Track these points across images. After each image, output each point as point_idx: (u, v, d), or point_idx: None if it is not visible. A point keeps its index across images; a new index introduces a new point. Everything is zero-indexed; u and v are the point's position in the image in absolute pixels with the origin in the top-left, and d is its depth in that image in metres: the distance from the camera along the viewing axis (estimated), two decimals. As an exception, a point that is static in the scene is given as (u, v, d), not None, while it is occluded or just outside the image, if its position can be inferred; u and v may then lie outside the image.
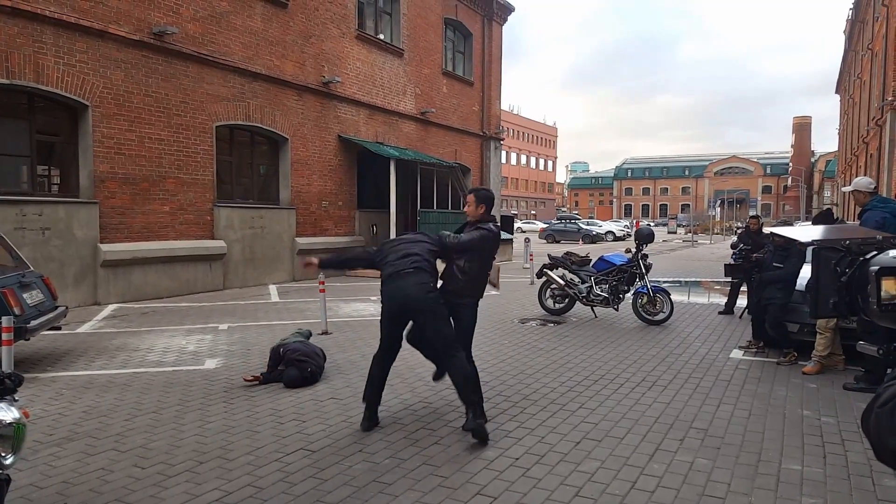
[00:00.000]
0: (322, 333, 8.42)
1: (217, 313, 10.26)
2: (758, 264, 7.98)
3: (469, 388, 4.61)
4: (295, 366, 6.05)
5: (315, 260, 5.15)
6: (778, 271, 7.26)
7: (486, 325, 9.43)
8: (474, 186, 5.12)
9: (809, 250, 4.99)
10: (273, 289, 13.50)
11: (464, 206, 5.51)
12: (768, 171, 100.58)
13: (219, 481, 3.90)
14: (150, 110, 11.64)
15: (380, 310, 4.92)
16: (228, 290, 13.07)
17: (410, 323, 4.89)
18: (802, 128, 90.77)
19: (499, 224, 5.07)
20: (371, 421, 4.84)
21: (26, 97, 10.27)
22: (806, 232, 3.42)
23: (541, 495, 3.75)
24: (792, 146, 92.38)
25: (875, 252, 1.90)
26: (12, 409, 2.27)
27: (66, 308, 7.43)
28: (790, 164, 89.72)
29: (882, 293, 1.75)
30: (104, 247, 10.88)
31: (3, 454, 2.21)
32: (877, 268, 1.78)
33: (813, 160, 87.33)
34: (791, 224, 7.48)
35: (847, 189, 6.54)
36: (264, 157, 15.00)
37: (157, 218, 11.89)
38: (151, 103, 11.66)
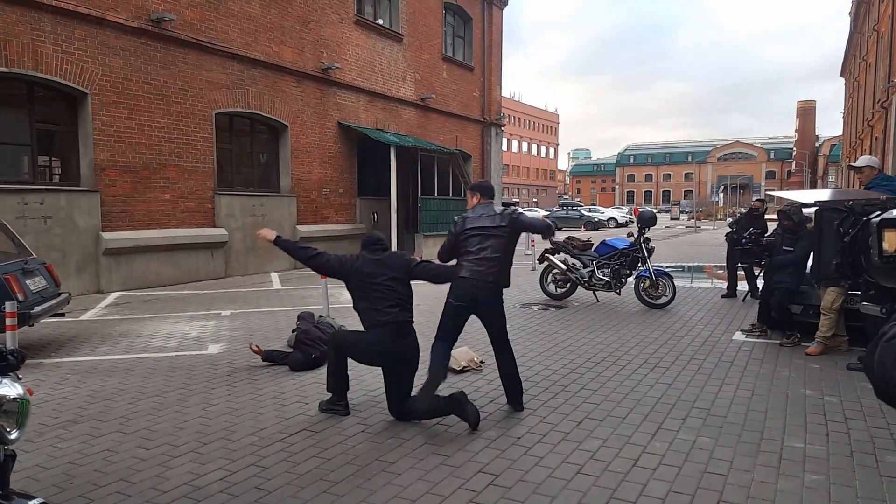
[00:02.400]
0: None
1: (219, 300, 10.29)
2: (767, 248, 7.94)
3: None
4: (301, 350, 6.08)
5: (271, 236, 5.05)
6: (788, 255, 7.22)
7: (488, 309, 9.43)
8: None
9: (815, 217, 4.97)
10: (275, 276, 13.51)
11: (464, 194, 5.57)
12: (772, 156, 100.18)
13: (223, 461, 3.92)
14: (149, 98, 11.60)
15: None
16: (230, 278, 13.09)
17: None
18: (806, 112, 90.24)
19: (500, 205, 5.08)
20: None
21: (25, 86, 10.25)
22: (809, 194, 3.42)
23: (542, 473, 3.76)
24: (796, 131, 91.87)
25: (878, 213, 1.89)
26: (16, 385, 2.28)
27: (69, 294, 7.46)
28: (794, 148, 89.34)
29: (884, 245, 1.74)
30: (106, 235, 10.89)
31: (7, 429, 2.22)
32: (878, 219, 1.77)
33: (817, 145, 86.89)
34: (792, 217, 7.43)
35: (860, 163, 6.52)
36: (264, 144, 14.97)
37: (158, 206, 11.88)
38: (150, 91, 11.63)
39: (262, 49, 13.88)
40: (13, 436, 2.24)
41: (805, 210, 7.16)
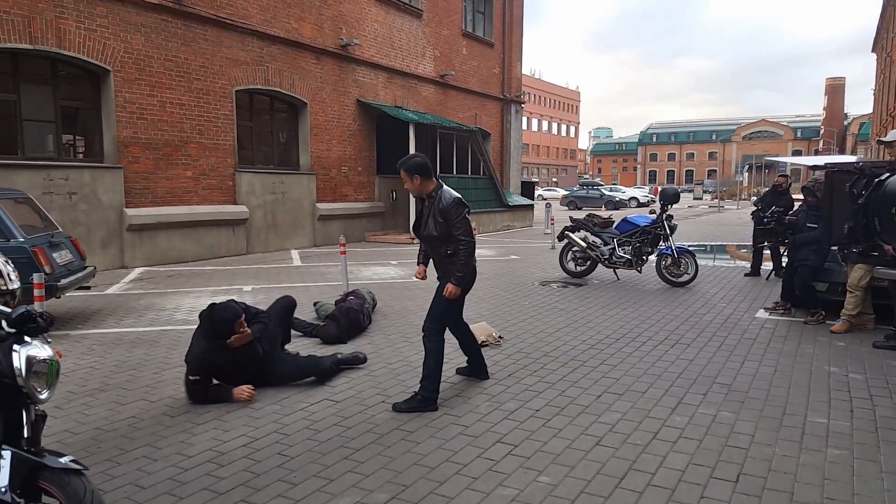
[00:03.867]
0: (343, 295, 8.49)
1: (241, 276, 10.39)
2: (791, 226, 7.81)
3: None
4: (336, 321, 6.22)
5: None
6: (812, 232, 7.10)
7: (505, 287, 9.43)
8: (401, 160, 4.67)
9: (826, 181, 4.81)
10: (295, 253, 13.61)
11: (484, 172, 5.35)
12: (799, 134, 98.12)
13: (246, 428, 3.99)
14: (170, 75, 11.65)
15: (401, 274, 4.89)
16: (251, 255, 13.20)
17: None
18: (835, 90, 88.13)
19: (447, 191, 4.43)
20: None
21: (49, 63, 10.34)
22: (818, 158, 3.37)
23: (561, 444, 3.77)
24: (824, 109, 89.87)
25: (888, 173, 1.84)
26: (46, 347, 2.33)
27: (95, 268, 7.58)
28: (822, 127, 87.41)
29: None
30: (129, 211, 11.03)
31: (38, 389, 2.28)
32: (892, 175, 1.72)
33: (846, 123, 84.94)
34: (816, 193, 7.30)
35: (889, 138, 6.37)
36: (284, 122, 14.99)
37: (181, 183, 11.99)
38: (172, 68, 11.67)
39: (281, 25, 13.84)
40: (43, 396, 2.30)
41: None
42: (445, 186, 4.49)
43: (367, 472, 3.41)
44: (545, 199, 43.68)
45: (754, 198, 11.68)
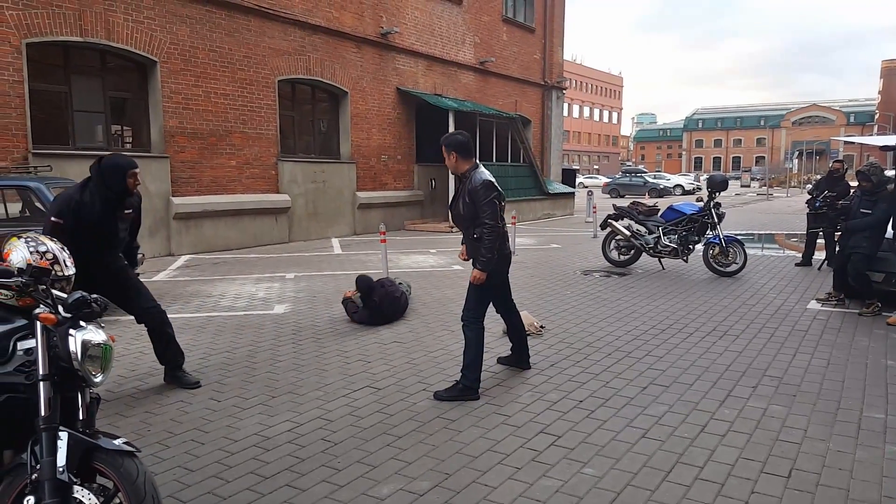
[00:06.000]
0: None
1: (284, 264, 10.54)
2: (844, 212, 7.52)
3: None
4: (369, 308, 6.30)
5: None
6: (865, 218, 6.82)
7: (547, 276, 9.34)
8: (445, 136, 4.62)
9: None
10: (335, 242, 13.74)
11: (524, 160, 5.23)
12: (851, 119, 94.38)
13: (290, 413, 4.04)
14: (214, 65, 11.83)
15: (440, 262, 4.84)
16: (293, 243, 13.38)
17: None
18: (891, 72, 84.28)
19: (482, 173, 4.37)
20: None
21: (98, 55, 10.61)
22: (883, 139, 3.16)
23: (605, 436, 3.71)
24: (879, 92, 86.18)
25: None
26: (100, 331, 2.39)
27: (143, 255, 7.74)
28: (876, 111, 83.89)
29: None
30: (176, 200, 11.28)
31: (93, 373, 2.33)
32: None
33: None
34: (871, 178, 6.99)
35: None
36: (324, 111, 15.09)
37: (225, 172, 12.20)
38: (216, 58, 11.85)
39: (322, 15, 13.91)
40: (98, 379, 2.35)
41: (888, 172, 6.72)
42: (481, 168, 4.44)
43: (409, 459, 3.42)
44: (586, 187, 43.14)
45: (808, 186, 11.16)
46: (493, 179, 4.36)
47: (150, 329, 4.59)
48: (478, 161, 4.56)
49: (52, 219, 4.08)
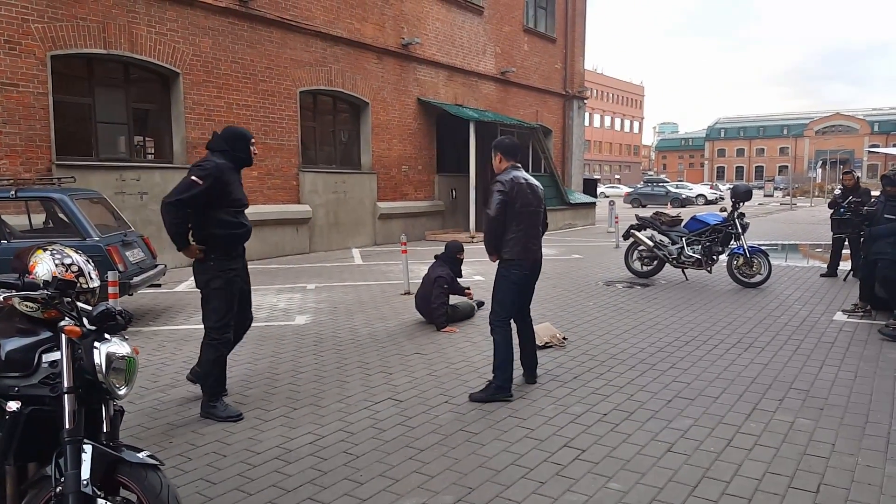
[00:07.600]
0: (404, 294, 8.54)
1: (305, 274, 10.59)
2: (868, 218, 7.36)
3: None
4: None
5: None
6: (891, 224, 6.66)
7: (569, 287, 9.27)
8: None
9: None
10: (356, 252, 13.77)
11: (545, 170, 5.36)
12: (876, 128, 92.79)
13: (312, 426, 4.03)
14: (236, 77, 11.97)
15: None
16: (314, 254, 13.44)
17: None
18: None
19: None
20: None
21: (122, 67, 10.79)
22: None
23: (630, 450, 3.64)
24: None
25: None
26: (124, 344, 2.39)
27: (165, 266, 7.85)
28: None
29: None
30: (199, 210, 11.37)
31: (117, 385, 2.33)
32: None
33: (929, 115, 79.82)
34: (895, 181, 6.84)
35: None
36: (346, 122, 15.18)
37: (246, 183, 12.09)
38: (238, 70, 11.99)
39: (344, 26, 14.03)
40: (122, 391, 2.35)
41: None
42: (512, 171, 4.57)
43: (432, 472, 3.38)
44: (608, 197, 42.86)
45: (836, 192, 10.80)
46: (522, 183, 4.50)
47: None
48: (518, 164, 4.65)
49: (193, 178, 4.11)
